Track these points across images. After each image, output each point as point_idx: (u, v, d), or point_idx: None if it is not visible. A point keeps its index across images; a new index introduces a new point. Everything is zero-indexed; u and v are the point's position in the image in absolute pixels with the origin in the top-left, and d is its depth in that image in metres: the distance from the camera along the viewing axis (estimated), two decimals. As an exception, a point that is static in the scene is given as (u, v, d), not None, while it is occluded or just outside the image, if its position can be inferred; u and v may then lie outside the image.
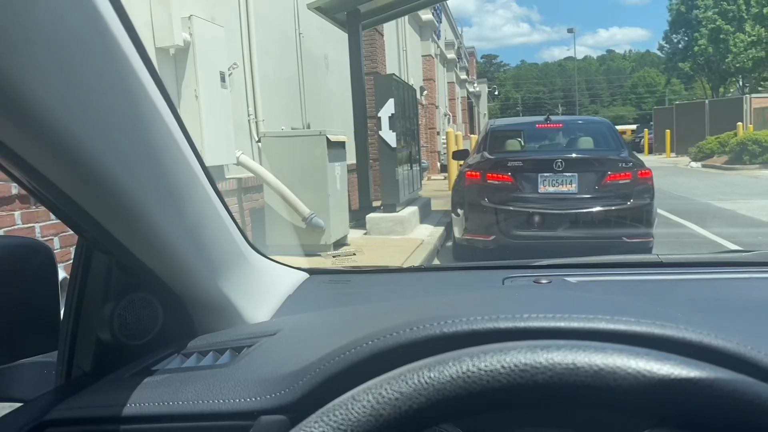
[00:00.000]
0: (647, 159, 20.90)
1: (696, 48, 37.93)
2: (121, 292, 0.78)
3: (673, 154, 28.10)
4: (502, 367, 0.41)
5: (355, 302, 1.07)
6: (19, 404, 0.75)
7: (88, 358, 0.79)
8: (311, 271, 1.20)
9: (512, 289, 1.01)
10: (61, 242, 3.48)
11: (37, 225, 3.43)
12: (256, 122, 6.66)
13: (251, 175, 6.14)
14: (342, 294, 1.14)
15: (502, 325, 0.51)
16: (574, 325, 0.50)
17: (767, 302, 0.96)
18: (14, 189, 3.28)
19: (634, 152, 6.94)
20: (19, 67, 0.47)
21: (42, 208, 3.25)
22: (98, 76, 0.55)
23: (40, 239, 3.32)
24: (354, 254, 5.91)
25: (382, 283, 1.23)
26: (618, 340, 0.48)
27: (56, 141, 0.53)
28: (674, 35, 43.01)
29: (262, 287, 0.98)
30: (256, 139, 6.60)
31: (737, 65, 35.66)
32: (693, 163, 21.81)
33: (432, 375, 0.42)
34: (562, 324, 0.51)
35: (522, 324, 0.51)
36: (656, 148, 31.44)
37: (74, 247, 0.84)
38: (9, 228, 3.24)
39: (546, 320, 0.51)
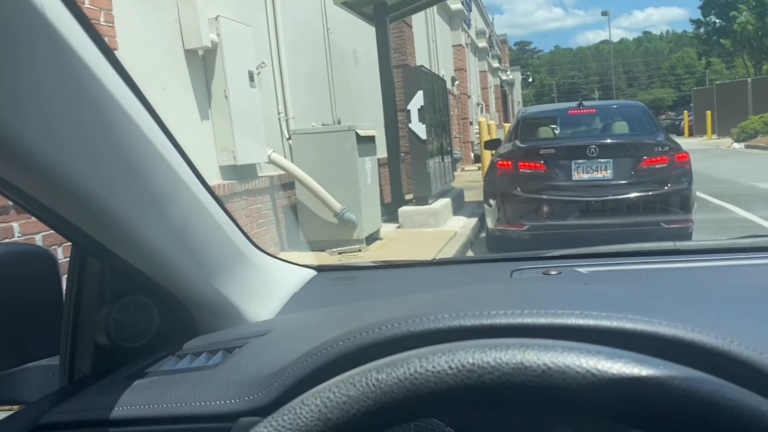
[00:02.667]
0: (687, 142, 20.32)
1: (735, 26, 36.65)
2: (116, 295, 0.79)
3: (715, 136, 27.26)
4: (450, 367, 0.40)
5: (360, 299, 1.06)
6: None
7: (87, 361, 0.81)
8: (319, 269, 1.20)
9: (514, 282, 0.99)
10: (64, 252, 3.47)
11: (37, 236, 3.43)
12: (287, 120, 6.71)
13: (283, 172, 6.20)
14: (347, 291, 1.13)
15: (468, 322, 0.50)
16: (542, 321, 0.49)
17: None
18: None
19: (672, 135, 6.74)
20: None
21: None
22: (57, 83, 0.54)
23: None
24: (359, 250, 5.91)
25: (389, 279, 1.22)
26: (589, 336, 0.46)
27: (23, 156, 0.54)
28: (708, 17, 41.62)
29: (265, 286, 0.98)
30: (287, 136, 6.66)
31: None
32: (735, 144, 21.11)
33: (380, 377, 0.42)
34: (528, 320, 0.49)
35: (487, 321, 0.50)
36: (697, 130, 30.56)
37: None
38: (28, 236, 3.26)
39: (513, 317, 0.50)
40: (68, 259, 0.84)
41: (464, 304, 0.54)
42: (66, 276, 0.85)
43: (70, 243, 0.79)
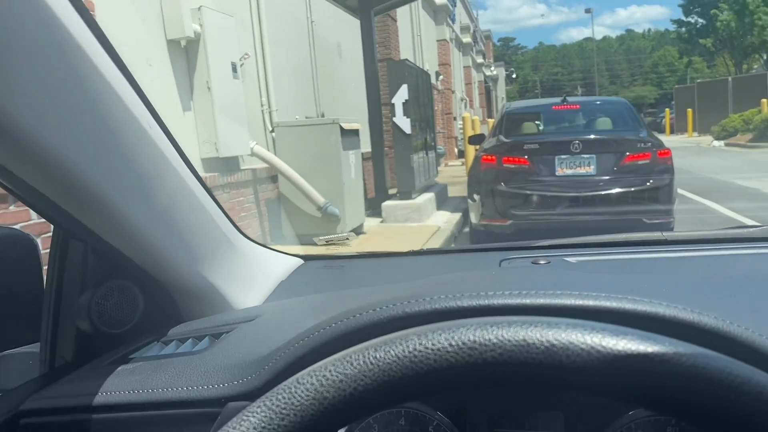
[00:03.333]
0: (669, 139, 20.57)
1: (718, 23, 37.06)
2: (99, 280, 0.78)
3: (696, 134, 27.60)
4: (450, 345, 0.39)
5: (348, 287, 1.05)
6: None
7: (69, 348, 0.79)
8: (306, 258, 1.19)
9: (505, 270, 0.99)
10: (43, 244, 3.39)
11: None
12: (270, 112, 6.65)
13: (266, 165, 6.15)
14: (335, 280, 1.12)
15: (465, 303, 0.49)
16: (540, 301, 0.48)
17: None
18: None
19: (654, 133, 6.81)
20: None
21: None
22: (44, 58, 0.53)
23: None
24: (347, 239, 5.88)
25: (377, 268, 1.21)
26: (588, 317, 0.46)
27: (7, 131, 0.52)
28: (690, 17, 41.99)
29: (252, 273, 0.97)
30: (270, 129, 6.61)
31: (764, 39, 34.76)
32: (716, 142, 21.39)
33: (378, 355, 0.40)
34: (527, 301, 0.48)
35: (485, 302, 0.49)
36: (678, 127, 30.92)
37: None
38: (24, 223, 3.25)
39: (510, 297, 0.49)
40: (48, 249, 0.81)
41: (460, 287, 0.53)
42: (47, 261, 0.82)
43: (49, 234, 0.77)
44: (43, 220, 3.13)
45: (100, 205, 0.64)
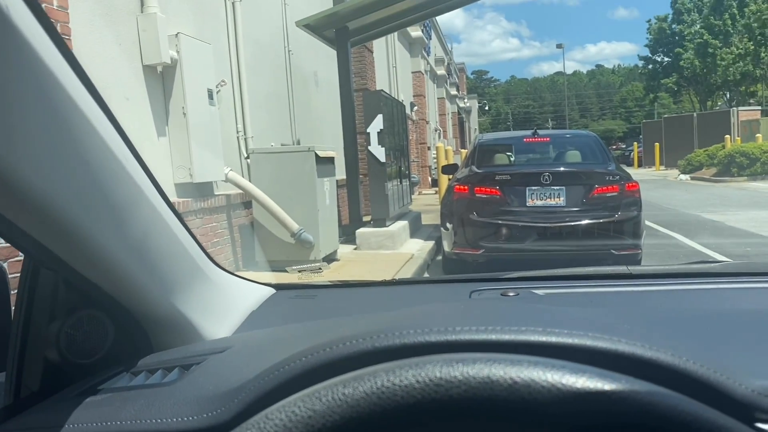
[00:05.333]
0: (637, 172, 21.02)
1: (682, 62, 38.30)
2: (69, 309, 0.77)
3: (663, 167, 28.27)
4: (417, 381, 0.41)
5: (320, 317, 1.06)
6: (-36, 426, 0.73)
7: (36, 377, 0.78)
8: (278, 287, 1.19)
9: (474, 302, 1.00)
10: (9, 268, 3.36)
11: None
12: (245, 139, 6.66)
13: (240, 191, 6.13)
14: (306, 309, 1.13)
15: (433, 338, 0.50)
16: (506, 337, 0.50)
17: (731, 313, 0.95)
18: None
19: (622, 165, 6.98)
20: None
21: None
22: (19, 86, 0.53)
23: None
24: (320, 269, 5.87)
25: (349, 298, 1.22)
26: (551, 353, 0.47)
27: None
28: (656, 55, 43.35)
29: (223, 303, 0.97)
30: (245, 155, 6.60)
31: (726, 78, 36.00)
32: (682, 176, 21.94)
33: (346, 391, 0.41)
34: (492, 336, 0.50)
35: (452, 337, 0.50)
36: (646, 161, 31.64)
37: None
38: None
39: (477, 333, 0.50)
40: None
41: (428, 320, 0.54)
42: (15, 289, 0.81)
43: (18, 259, 0.76)
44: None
45: (73, 236, 0.64)
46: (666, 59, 42.16)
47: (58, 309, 0.77)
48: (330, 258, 6.61)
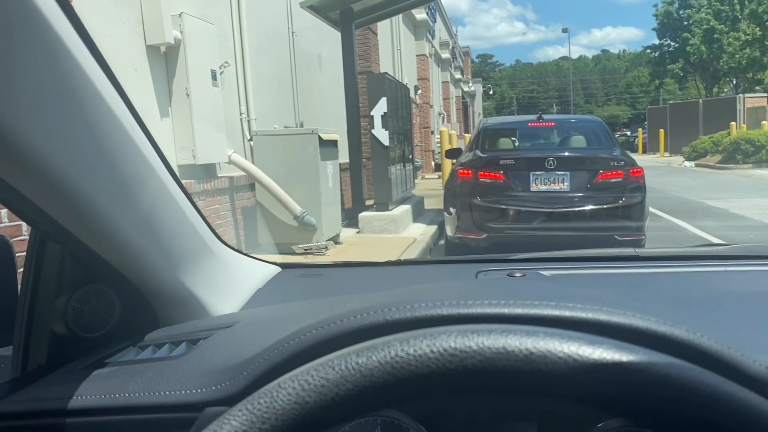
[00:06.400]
0: (641, 158, 20.95)
1: (689, 48, 37.96)
2: (75, 283, 0.77)
3: (667, 154, 28.17)
4: (431, 351, 0.40)
5: (326, 295, 1.05)
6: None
7: (42, 351, 0.78)
8: (284, 266, 1.19)
9: (482, 281, 1.00)
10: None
11: (24, 223, 3.40)
12: (248, 120, 6.63)
13: (243, 173, 6.12)
14: (312, 288, 1.12)
15: (446, 311, 0.50)
16: (518, 311, 0.49)
17: (738, 295, 0.95)
18: None
19: (627, 152, 6.95)
20: None
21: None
22: (29, 55, 0.52)
23: (26, 237, 3.28)
24: (326, 248, 5.86)
25: (354, 278, 1.22)
26: (564, 327, 0.47)
27: None
28: (662, 40, 42.88)
29: (230, 280, 0.97)
30: (248, 137, 6.58)
31: (732, 65, 35.71)
32: (686, 163, 21.86)
33: (360, 360, 0.41)
34: (506, 310, 0.49)
35: (465, 311, 0.50)
36: (650, 147, 31.52)
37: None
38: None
39: (490, 306, 0.50)
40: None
41: (440, 295, 0.54)
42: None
43: (21, 238, 0.76)
44: (14, 224, 3.06)
45: (81, 206, 0.64)
46: (673, 44, 41.78)
47: (64, 283, 0.77)
48: (332, 241, 6.62)
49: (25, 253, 0.79)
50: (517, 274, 1.08)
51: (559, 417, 0.66)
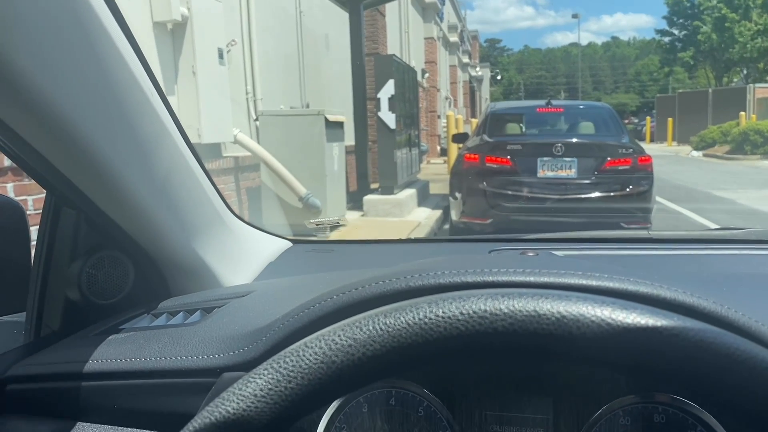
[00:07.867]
0: (649, 147, 20.87)
1: (700, 36, 37.56)
2: (90, 249, 0.76)
3: (675, 143, 27.99)
4: (461, 313, 0.39)
5: (337, 270, 1.05)
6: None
7: (56, 317, 0.78)
8: (295, 241, 1.18)
9: (496, 257, 0.99)
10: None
11: (29, 198, 3.40)
12: (255, 100, 6.60)
13: (248, 153, 6.11)
14: (324, 262, 1.12)
15: (470, 278, 0.49)
16: (544, 279, 0.48)
17: (754, 277, 0.94)
18: (7, 161, 3.25)
19: (636, 139, 6.90)
20: None
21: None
22: (51, 22, 0.52)
23: (32, 212, 3.29)
24: (338, 222, 5.85)
25: (366, 253, 1.21)
26: None
27: (11, 82, 0.51)
28: (673, 27, 42.40)
29: (242, 252, 0.96)
30: (254, 117, 6.56)
31: (744, 54, 35.33)
32: (694, 152, 21.73)
33: (388, 321, 0.40)
34: (531, 278, 0.49)
35: (490, 278, 0.49)
36: (658, 136, 31.32)
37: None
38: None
39: (515, 275, 0.49)
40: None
41: (462, 265, 0.53)
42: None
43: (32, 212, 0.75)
44: (20, 198, 3.07)
45: (98, 168, 0.63)
46: (683, 32, 41.33)
47: (79, 249, 0.76)
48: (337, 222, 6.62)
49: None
50: (530, 254, 1.07)
51: (577, 390, 0.65)
